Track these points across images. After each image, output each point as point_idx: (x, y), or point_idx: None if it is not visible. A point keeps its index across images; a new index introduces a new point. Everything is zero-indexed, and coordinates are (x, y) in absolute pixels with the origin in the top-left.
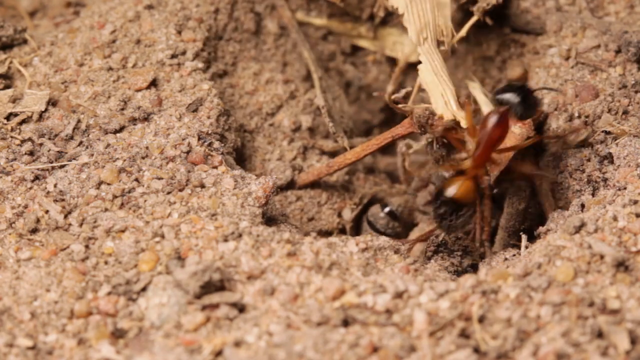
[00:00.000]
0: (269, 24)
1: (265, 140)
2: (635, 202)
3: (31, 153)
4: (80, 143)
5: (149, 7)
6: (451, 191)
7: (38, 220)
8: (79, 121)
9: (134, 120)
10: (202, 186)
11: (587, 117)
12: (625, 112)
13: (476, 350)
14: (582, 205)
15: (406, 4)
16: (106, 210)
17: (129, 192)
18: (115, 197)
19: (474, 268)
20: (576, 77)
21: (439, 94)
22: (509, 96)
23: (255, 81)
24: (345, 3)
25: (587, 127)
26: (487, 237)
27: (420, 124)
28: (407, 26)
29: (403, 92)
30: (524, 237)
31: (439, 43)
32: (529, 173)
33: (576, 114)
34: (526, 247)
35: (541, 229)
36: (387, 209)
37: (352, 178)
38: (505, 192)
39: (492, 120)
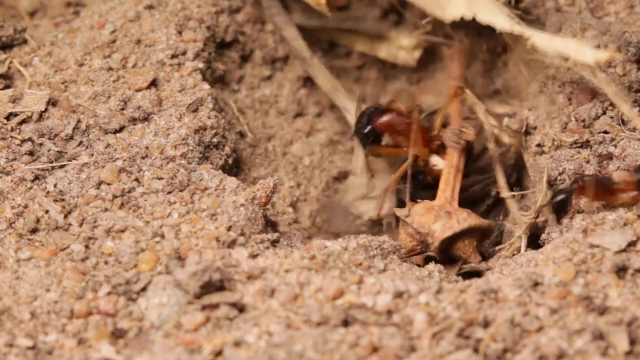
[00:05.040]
0: (271, 24)
1: (266, 140)
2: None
3: (31, 153)
4: (80, 143)
5: (149, 7)
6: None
7: (38, 220)
8: (79, 121)
9: (134, 120)
10: (203, 186)
11: (583, 120)
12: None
13: (476, 350)
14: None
15: (468, 6)
16: (106, 210)
17: (129, 192)
18: (115, 197)
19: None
20: (575, 78)
21: (564, 46)
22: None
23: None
24: (349, 16)
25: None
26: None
27: None
28: (491, 19)
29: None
30: (524, 238)
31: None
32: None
33: (572, 118)
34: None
35: (543, 236)
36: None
37: None
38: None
39: None
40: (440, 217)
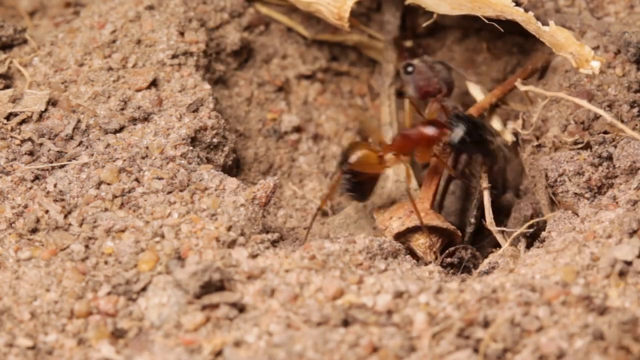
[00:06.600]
0: (273, 26)
1: (265, 139)
2: (635, 203)
3: (31, 153)
4: (80, 143)
5: (150, 7)
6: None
7: (38, 220)
8: (79, 121)
9: (134, 120)
10: (203, 186)
11: (582, 122)
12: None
13: (476, 350)
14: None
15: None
16: (106, 210)
17: (129, 192)
18: (115, 197)
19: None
20: (573, 79)
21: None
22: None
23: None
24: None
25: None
26: None
27: None
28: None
29: None
30: (522, 239)
31: None
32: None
33: (571, 121)
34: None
35: (543, 233)
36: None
37: None
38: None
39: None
40: (403, 215)
